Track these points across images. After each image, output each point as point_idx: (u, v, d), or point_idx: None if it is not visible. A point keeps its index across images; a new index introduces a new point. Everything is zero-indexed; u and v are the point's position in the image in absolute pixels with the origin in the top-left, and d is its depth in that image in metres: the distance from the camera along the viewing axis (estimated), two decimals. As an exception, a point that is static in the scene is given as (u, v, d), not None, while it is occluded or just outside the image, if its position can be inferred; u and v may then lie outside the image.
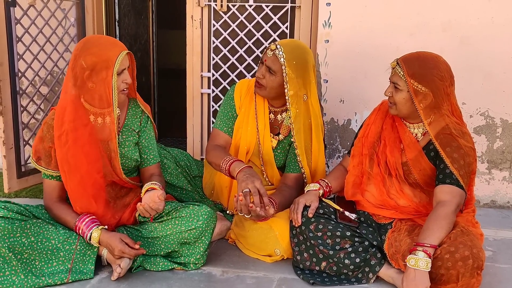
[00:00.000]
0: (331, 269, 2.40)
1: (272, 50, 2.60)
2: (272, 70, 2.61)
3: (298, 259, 2.48)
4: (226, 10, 3.59)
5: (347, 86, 3.39)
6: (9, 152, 3.20)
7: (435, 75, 2.28)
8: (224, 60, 3.69)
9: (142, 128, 2.61)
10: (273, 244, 2.55)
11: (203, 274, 2.47)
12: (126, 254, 2.34)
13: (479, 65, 3.22)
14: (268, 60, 2.61)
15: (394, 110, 2.42)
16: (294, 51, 2.61)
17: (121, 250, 2.33)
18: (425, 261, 2.12)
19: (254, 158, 2.85)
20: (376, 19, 3.28)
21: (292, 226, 2.51)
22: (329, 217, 2.48)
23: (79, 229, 2.38)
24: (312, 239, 2.41)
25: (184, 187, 2.89)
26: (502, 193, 3.40)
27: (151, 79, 5.27)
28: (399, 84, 2.34)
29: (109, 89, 2.34)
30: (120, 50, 2.35)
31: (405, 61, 2.33)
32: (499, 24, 3.17)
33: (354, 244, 2.39)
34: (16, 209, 2.35)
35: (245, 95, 2.82)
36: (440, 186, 2.31)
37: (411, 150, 2.43)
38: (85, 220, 2.39)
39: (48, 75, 3.49)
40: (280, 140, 2.81)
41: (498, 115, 3.29)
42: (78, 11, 3.59)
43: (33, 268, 2.31)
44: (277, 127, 2.82)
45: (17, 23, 3.19)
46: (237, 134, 2.81)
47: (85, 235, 2.37)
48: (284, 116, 2.79)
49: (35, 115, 3.42)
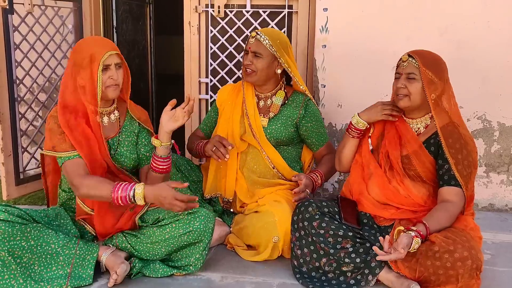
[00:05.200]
0: (330, 265, 2.41)
1: (254, 37, 2.84)
2: (258, 53, 2.82)
3: (298, 253, 2.48)
4: (224, 16, 3.60)
5: (344, 90, 3.40)
6: (7, 159, 3.20)
7: (443, 67, 2.44)
8: (221, 66, 3.69)
9: (140, 129, 2.64)
10: (271, 230, 2.58)
11: (203, 279, 2.47)
12: (178, 202, 2.22)
13: (476, 69, 3.24)
14: (252, 46, 2.83)
15: (406, 102, 2.43)
16: (274, 33, 2.89)
17: (173, 196, 2.22)
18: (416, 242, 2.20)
19: (250, 139, 2.91)
20: (373, 24, 3.29)
21: (294, 221, 2.52)
22: (333, 217, 2.50)
23: (118, 198, 2.25)
24: (314, 235, 2.43)
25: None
26: (500, 196, 3.40)
27: (149, 85, 5.27)
28: (415, 73, 2.39)
29: (94, 84, 2.36)
30: (107, 47, 2.40)
31: (417, 54, 2.42)
32: (495, 28, 3.19)
33: (355, 245, 2.41)
34: (17, 212, 2.35)
35: (231, 93, 3.03)
36: (446, 188, 2.37)
37: (411, 144, 2.48)
38: (121, 186, 2.27)
39: (46, 82, 3.49)
40: (271, 118, 2.93)
41: (495, 118, 3.30)
42: (76, 18, 3.60)
43: (32, 273, 2.31)
44: (269, 109, 2.96)
45: (15, 30, 3.20)
46: (227, 124, 2.97)
47: (126, 197, 2.25)
48: (273, 99, 2.95)
49: (33, 122, 3.42)
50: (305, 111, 2.92)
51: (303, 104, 2.93)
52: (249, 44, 2.85)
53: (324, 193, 3.58)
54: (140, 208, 2.57)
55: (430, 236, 2.26)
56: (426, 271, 2.22)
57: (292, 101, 2.95)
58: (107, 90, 2.42)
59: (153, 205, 2.63)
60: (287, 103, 2.94)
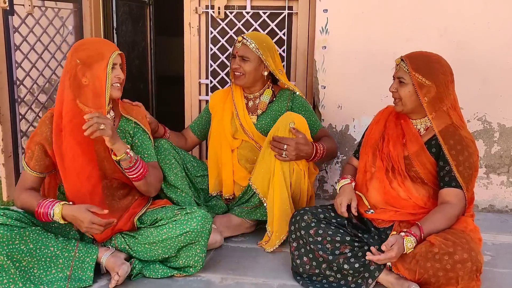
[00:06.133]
0: (331, 269, 2.41)
1: (240, 41, 2.95)
2: (246, 57, 2.93)
3: (298, 263, 2.48)
4: (224, 17, 3.60)
5: (344, 92, 3.40)
6: (7, 160, 3.21)
7: (437, 69, 2.40)
8: (221, 67, 3.69)
9: (135, 129, 2.62)
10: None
11: (202, 281, 2.47)
12: (96, 226, 2.28)
13: (476, 70, 3.23)
14: (239, 50, 2.94)
15: (399, 106, 2.48)
16: (259, 37, 3.00)
17: (90, 221, 2.27)
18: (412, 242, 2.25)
19: (243, 137, 3.03)
20: (373, 25, 3.30)
21: (291, 231, 2.52)
22: (330, 222, 2.49)
23: (40, 214, 2.32)
24: (312, 244, 2.42)
25: (185, 190, 2.90)
26: (500, 197, 3.40)
27: (149, 86, 5.27)
28: (404, 78, 2.43)
29: (103, 82, 2.35)
30: (113, 47, 2.43)
31: (409, 57, 2.44)
32: (495, 29, 3.19)
33: (354, 249, 2.40)
34: (15, 216, 2.34)
35: (221, 97, 3.14)
36: (446, 189, 2.38)
37: (413, 144, 2.48)
38: (44, 203, 2.33)
39: (46, 83, 3.50)
40: (259, 114, 3.05)
41: (495, 119, 3.30)
42: (76, 19, 3.61)
43: (31, 276, 2.30)
44: (256, 108, 3.07)
45: (15, 32, 3.21)
46: (220, 125, 3.07)
47: (47, 214, 2.31)
48: (261, 99, 3.06)
49: (33, 123, 3.42)
50: (292, 102, 3.04)
51: (290, 97, 3.05)
52: (236, 48, 2.96)
53: (324, 194, 3.58)
54: (139, 209, 2.57)
55: (430, 238, 2.26)
56: (426, 272, 2.22)
57: (279, 97, 3.08)
58: (112, 89, 2.42)
59: (152, 206, 2.64)
60: (274, 100, 3.07)
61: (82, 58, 2.35)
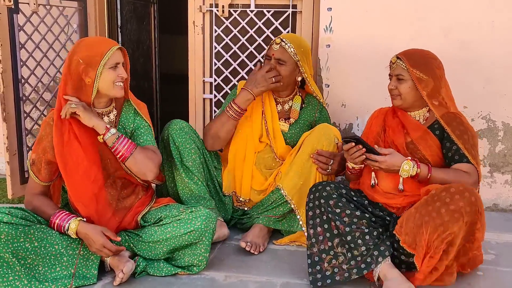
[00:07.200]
0: (343, 246, 2.40)
1: (278, 43, 2.85)
2: (282, 61, 2.85)
3: (311, 233, 2.47)
4: (228, 15, 3.61)
5: (348, 90, 3.41)
6: (12, 158, 3.22)
7: (433, 63, 2.52)
8: (225, 65, 3.70)
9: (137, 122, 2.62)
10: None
11: (206, 279, 2.48)
12: (106, 249, 2.32)
13: (480, 69, 3.23)
14: (276, 53, 2.85)
15: (398, 101, 2.55)
16: (297, 41, 2.92)
17: (102, 244, 2.31)
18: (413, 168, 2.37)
19: (268, 141, 3.00)
20: (377, 24, 3.29)
21: (310, 199, 2.52)
22: (350, 199, 2.52)
23: (54, 224, 2.36)
24: (330, 213, 2.44)
25: (200, 178, 2.86)
26: (504, 196, 3.40)
27: (153, 84, 5.28)
28: (402, 75, 2.51)
29: (94, 73, 2.36)
30: (112, 44, 2.42)
31: (405, 55, 2.53)
32: (499, 28, 3.18)
33: (370, 227, 2.41)
34: (20, 214, 2.35)
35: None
36: (459, 164, 2.44)
37: (416, 131, 2.54)
38: (61, 215, 2.38)
39: (51, 81, 3.51)
40: (291, 123, 3.01)
41: (499, 118, 3.29)
42: (80, 17, 3.62)
43: (36, 273, 2.32)
44: (287, 113, 3.04)
45: (20, 30, 3.21)
46: (247, 126, 2.99)
47: (61, 227, 2.35)
48: (291, 104, 3.02)
49: (38, 121, 3.43)
50: (320, 114, 3.07)
51: (318, 107, 3.06)
52: (273, 50, 2.86)
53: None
54: (143, 207, 2.58)
55: (429, 186, 2.34)
56: (428, 215, 2.22)
57: (308, 104, 3.07)
58: (115, 88, 2.43)
59: (156, 204, 2.64)
60: (303, 107, 3.06)
61: (84, 57, 2.36)
